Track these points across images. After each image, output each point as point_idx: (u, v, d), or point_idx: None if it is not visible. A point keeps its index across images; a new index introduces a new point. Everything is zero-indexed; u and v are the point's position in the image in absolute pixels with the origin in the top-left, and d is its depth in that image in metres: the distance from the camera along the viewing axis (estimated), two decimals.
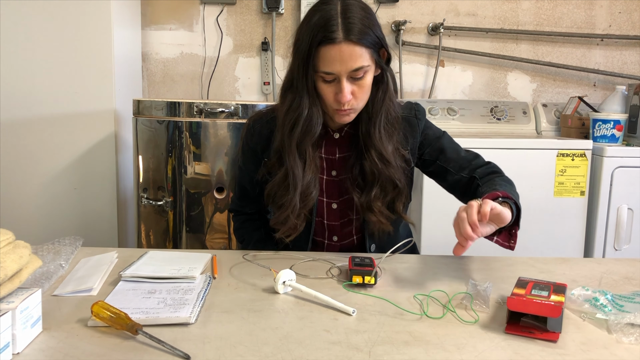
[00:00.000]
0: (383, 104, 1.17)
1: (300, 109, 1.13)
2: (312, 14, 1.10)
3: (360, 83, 1.10)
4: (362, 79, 1.10)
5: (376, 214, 1.19)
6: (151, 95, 2.60)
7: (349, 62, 1.07)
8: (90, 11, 2.05)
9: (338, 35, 1.05)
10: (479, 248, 1.95)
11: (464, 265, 1.16)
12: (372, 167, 1.17)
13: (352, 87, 1.10)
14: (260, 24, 2.59)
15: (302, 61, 1.09)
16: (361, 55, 1.07)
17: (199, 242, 1.99)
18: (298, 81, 1.12)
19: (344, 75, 1.08)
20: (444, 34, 2.59)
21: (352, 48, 1.06)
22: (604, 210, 2.04)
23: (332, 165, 1.25)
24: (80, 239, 1.20)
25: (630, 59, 2.68)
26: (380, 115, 1.17)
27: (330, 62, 1.07)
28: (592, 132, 2.13)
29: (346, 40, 1.05)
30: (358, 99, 1.12)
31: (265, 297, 0.95)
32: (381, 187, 1.19)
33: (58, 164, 2.12)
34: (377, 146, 1.17)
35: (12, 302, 0.73)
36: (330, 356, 0.73)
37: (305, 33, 1.09)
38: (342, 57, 1.06)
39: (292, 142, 1.15)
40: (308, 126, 1.14)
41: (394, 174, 1.18)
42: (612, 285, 1.05)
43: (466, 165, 1.25)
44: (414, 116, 1.26)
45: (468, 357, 0.74)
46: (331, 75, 1.09)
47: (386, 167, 1.17)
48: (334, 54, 1.06)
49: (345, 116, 1.15)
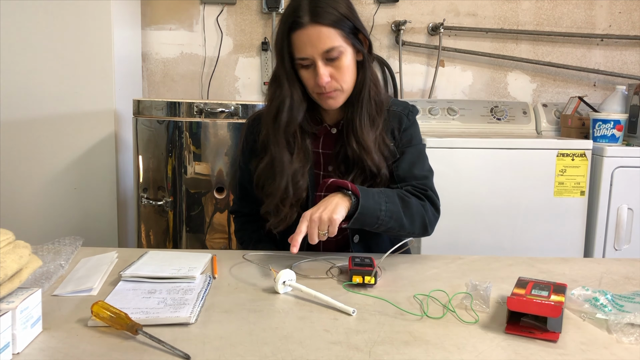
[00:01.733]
0: (364, 87, 1.18)
1: (281, 97, 1.16)
2: (286, 6, 1.16)
3: (337, 64, 1.13)
4: (337, 59, 1.12)
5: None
6: (151, 95, 2.60)
7: (318, 44, 1.10)
8: (90, 11, 2.05)
9: (305, 20, 1.09)
10: (479, 248, 1.96)
11: (464, 265, 1.16)
12: (352, 152, 1.19)
13: (329, 70, 1.12)
14: (260, 24, 2.59)
15: (280, 52, 1.14)
16: (329, 37, 1.10)
17: (199, 242, 1.99)
18: (278, 71, 1.17)
19: (317, 57, 1.11)
20: (444, 34, 2.59)
21: (319, 29, 1.09)
22: (604, 210, 2.04)
23: (329, 161, 1.25)
24: (80, 239, 1.20)
25: (630, 59, 2.68)
26: (363, 100, 1.18)
27: (302, 46, 1.11)
28: (592, 132, 2.13)
29: (312, 23, 1.09)
30: (339, 81, 1.14)
31: (265, 297, 0.95)
32: (360, 173, 1.19)
33: (58, 164, 2.12)
34: (357, 132, 1.18)
35: (12, 302, 0.73)
36: (330, 356, 0.73)
37: (280, 25, 1.14)
38: (311, 40, 1.10)
39: (276, 130, 1.17)
40: (290, 113, 1.16)
41: (372, 162, 1.18)
42: (612, 285, 1.05)
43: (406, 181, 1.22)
44: (406, 115, 1.27)
45: (468, 357, 0.74)
46: (307, 60, 1.12)
47: (365, 154, 1.17)
48: (303, 38, 1.10)
49: (330, 99, 1.17)
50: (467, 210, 1.98)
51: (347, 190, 1.10)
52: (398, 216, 1.12)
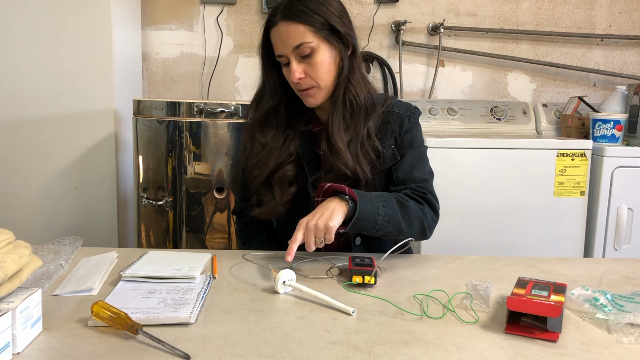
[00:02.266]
0: (338, 87, 1.17)
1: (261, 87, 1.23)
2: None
3: (310, 61, 1.14)
4: (310, 56, 1.13)
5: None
6: (151, 95, 2.60)
7: (288, 40, 1.12)
8: (90, 11, 2.05)
9: (277, 18, 1.13)
10: (479, 248, 1.96)
11: (464, 265, 1.16)
12: (323, 153, 1.20)
13: (302, 66, 1.14)
14: (260, 24, 2.58)
15: (259, 47, 1.20)
16: (299, 33, 1.11)
17: (199, 242, 1.99)
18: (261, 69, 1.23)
19: (289, 54, 1.13)
20: (444, 34, 2.59)
21: (288, 26, 1.12)
22: (604, 210, 2.04)
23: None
24: (80, 239, 1.20)
25: (630, 59, 2.68)
26: (339, 102, 1.18)
27: (275, 43, 1.15)
28: (592, 132, 2.13)
29: (282, 20, 1.12)
30: (314, 77, 1.14)
31: (265, 297, 0.95)
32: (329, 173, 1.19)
33: (58, 164, 2.12)
34: (330, 133, 1.17)
35: (12, 302, 0.73)
36: (330, 356, 0.73)
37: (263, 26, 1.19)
38: (281, 37, 1.13)
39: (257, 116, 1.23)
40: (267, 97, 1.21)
41: (343, 164, 1.15)
42: (612, 285, 1.05)
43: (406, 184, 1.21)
44: (408, 117, 1.25)
45: (468, 357, 0.74)
46: (283, 58, 1.15)
47: (334, 156, 1.16)
48: (276, 35, 1.14)
49: (309, 97, 1.18)
50: (467, 211, 1.98)
51: (344, 195, 1.08)
52: (396, 220, 1.10)
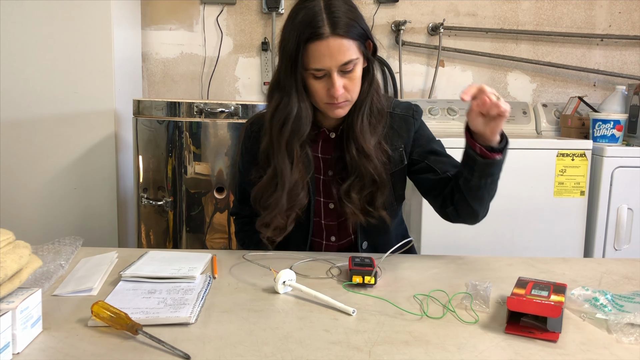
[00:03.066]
0: (368, 95, 1.17)
1: (289, 108, 1.12)
2: (296, 12, 1.11)
3: (351, 76, 1.11)
4: (352, 71, 1.10)
5: (349, 206, 1.17)
6: (151, 95, 2.60)
7: (338, 57, 1.07)
8: (90, 11, 2.05)
9: (325, 31, 1.05)
10: (479, 248, 1.96)
11: (464, 265, 1.16)
12: (351, 158, 1.17)
13: (343, 81, 1.10)
14: (260, 24, 2.59)
15: (290, 60, 1.09)
16: (349, 49, 1.07)
17: (199, 242, 1.99)
18: (286, 80, 1.12)
19: (334, 69, 1.08)
20: (444, 34, 2.59)
21: (340, 42, 1.06)
22: (604, 210, 2.04)
23: (328, 165, 1.25)
24: (80, 239, 1.20)
25: (630, 59, 2.68)
26: (364, 106, 1.17)
27: (319, 58, 1.07)
28: (592, 132, 2.13)
29: (333, 35, 1.06)
30: (350, 92, 1.12)
31: (265, 297, 0.95)
32: (358, 180, 1.18)
33: (58, 164, 2.12)
34: (358, 138, 1.16)
35: (12, 302, 0.73)
36: (330, 356, 0.73)
37: (290, 31, 1.09)
38: (331, 52, 1.07)
39: (281, 141, 1.14)
40: (297, 125, 1.13)
41: (373, 168, 1.16)
42: (612, 285, 1.05)
43: (452, 168, 1.21)
44: (412, 116, 1.26)
45: (468, 357, 0.74)
46: (322, 72, 1.09)
47: (364, 160, 1.16)
48: (322, 49, 1.06)
49: (338, 109, 1.14)
50: None
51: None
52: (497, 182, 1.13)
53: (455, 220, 1.21)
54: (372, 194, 1.19)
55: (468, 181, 1.10)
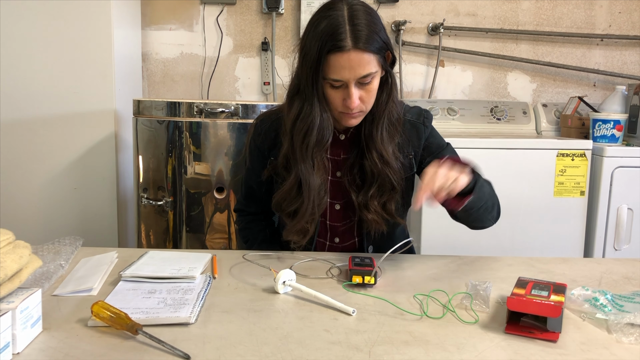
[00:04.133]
0: (387, 106, 1.17)
1: (312, 117, 1.12)
2: (319, 20, 1.09)
3: (368, 88, 1.11)
4: (369, 84, 1.10)
5: (372, 213, 1.19)
6: (151, 95, 2.60)
7: (357, 70, 1.07)
8: (90, 11, 2.05)
9: (347, 44, 1.05)
10: (479, 248, 1.96)
11: (464, 265, 1.16)
12: (372, 168, 1.18)
13: (360, 93, 1.10)
14: (260, 24, 2.59)
15: (311, 69, 1.09)
16: (369, 62, 1.07)
17: (199, 242, 1.99)
18: (307, 88, 1.12)
19: (352, 81, 1.08)
20: (444, 34, 2.59)
21: (360, 56, 1.06)
22: (604, 210, 2.04)
23: (337, 166, 1.25)
24: (80, 239, 1.20)
25: (630, 59, 2.68)
26: (384, 117, 1.17)
27: (339, 69, 1.07)
28: (592, 132, 2.13)
29: (355, 48, 1.05)
30: (366, 103, 1.13)
31: (265, 297, 0.95)
32: (379, 187, 1.19)
33: (58, 164, 2.12)
34: (379, 147, 1.17)
35: (12, 302, 0.73)
36: (330, 356, 0.73)
37: (312, 40, 1.08)
38: (351, 65, 1.06)
39: (305, 151, 1.15)
40: (321, 135, 1.14)
41: (393, 175, 1.19)
42: (612, 285, 1.05)
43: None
44: (422, 122, 1.27)
45: (468, 357, 0.74)
46: (339, 82, 1.09)
47: (386, 168, 1.18)
48: (342, 62, 1.06)
49: (352, 119, 1.15)
50: None
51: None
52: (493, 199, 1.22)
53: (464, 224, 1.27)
54: (388, 201, 1.21)
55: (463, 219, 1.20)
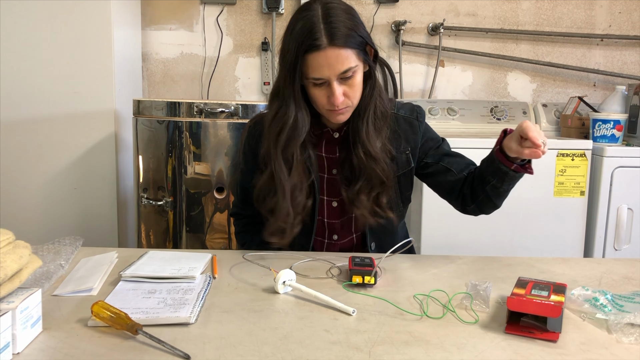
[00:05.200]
0: (371, 99, 1.18)
1: (285, 117, 1.14)
2: (295, 22, 1.12)
3: (351, 82, 1.12)
4: (351, 78, 1.12)
5: (360, 208, 1.19)
6: (151, 95, 2.60)
7: (336, 66, 1.08)
8: (90, 11, 2.05)
9: (322, 42, 1.07)
10: (479, 248, 1.96)
11: (464, 265, 1.16)
12: (358, 162, 1.19)
13: (343, 88, 1.12)
14: (260, 24, 2.59)
15: (289, 70, 1.11)
16: (347, 57, 1.09)
17: (199, 242, 1.99)
18: (285, 89, 1.14)
19: (333, 78, 1.10)
20: (444, 34, 2.59)
21: (337, 52, 1.08)
22: (604, 210, 2.04)
23: (332, 164, 1.26)
24: (80, 239, 1.20)
25: (630, 59, 2.68)
26: (369, 110, 1.18)
27: (318, 68, 1.09)
28: (592, 132, 2.13)
29: (331, 46, 1.07)
30: (351, 98, 1.14)
31: (265, 297, 0.95)
32: (367, 182, 1.20)
33: (58, 164, 2.12)
34: (364, 141, 1.18)
35: (12, 302, 0.73)
36: (330, 356, 0.73)
37: (290, 42, 1.11)
38: (329, 62, 1.08)
39: (277, 148, 1.16)
40: (293, 133, 1.15)
41: (381, 170, 1.19)
42: (612, 285, 1.05)
43: (466, 167, 1.27)
44: (416, 118, 1.28)
45: (468, 357, 0.74)
46: (321, 80, 1.11)
47: (372, 162, 1.18)
48: (320, 60, 1.08)
49: (339, 115, 1.16)
50: None
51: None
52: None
53: (475, 214, 1.28)
54: (379, 195, 1.21)
55: (497, 188, 1.18)
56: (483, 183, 1.19)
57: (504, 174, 1.14)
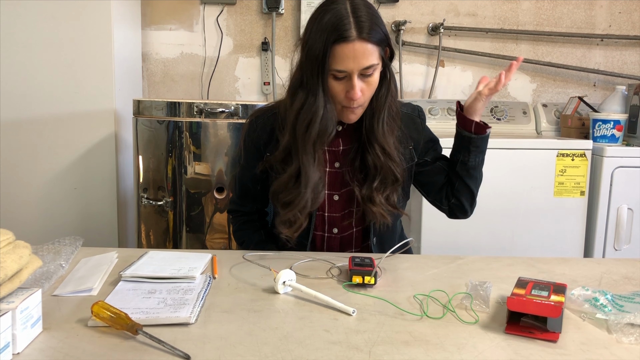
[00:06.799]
0: (386, 100, 1.19)
1: (315, 108, 1.13)
2: (322, 13, 1.11)
3: (369, 80, 1.13)
4: (371, 76, 1.12)
5: (377, 206, 1.20)
6: (151, 95, 2.60)
7: (361, 60, 1.09)
8: (90, 11, 2.05)
9: (352, 34, 1.07)
10: (479, 248, 1.96)
11: (464, 265, 1.16)
12: (374, 160, 1.20)
13: (361, 85, 1.12)
14: (260, 24, 2.59)
15: (316, 61, 1.10)
16: (372, 53, 1.10)
17: (199, 242, 1.99)
18: (311, 80, 1.12)
19: (355, 72, 1.10)
20: (444, 34, 2.59)
21: (364, 46, 1.08)
22: (604, 210, 2.04)
23: (335, 157, 1.26)
24: (80, 239, 1.20)
25: (630, 59, 2.68)
26: (384, 110, 1.19)
27: (343, 60, 1.09)
28: (592, 132, 2.13)
29: (359, 39, 1.08)
30: (366, 96, 1.15)
31: (265, 297, 0.95)
32: (382, 180, 1.21)
33: (58, 164, 2.12)
34: (380, 140, 1.19)
35: (12, 302, 0.73)
36: (330, 356, 0.73)
37: (317, 33, 1.10)
38: (356, 55, 1.08)
39: (307, 141, 1.15)
40: (324, 125, 1.15)
41: (395, 167, 1.21)
42: (612, 285, 1.05)
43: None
44: (417, 115, 1.31)
45: (468, 357, 0.74)
46: (343, 73, 1.11)
47: (388, 161, 1.20)
48: (347, 52, 1.08)
49: (352, 114, 1.17)
50: None
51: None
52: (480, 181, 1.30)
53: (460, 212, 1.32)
54: (391, 193, 1.22)
55: (465, 163, 1.26)
56: (454, 165, 1.28)
57: (468, 140, 1.23)
